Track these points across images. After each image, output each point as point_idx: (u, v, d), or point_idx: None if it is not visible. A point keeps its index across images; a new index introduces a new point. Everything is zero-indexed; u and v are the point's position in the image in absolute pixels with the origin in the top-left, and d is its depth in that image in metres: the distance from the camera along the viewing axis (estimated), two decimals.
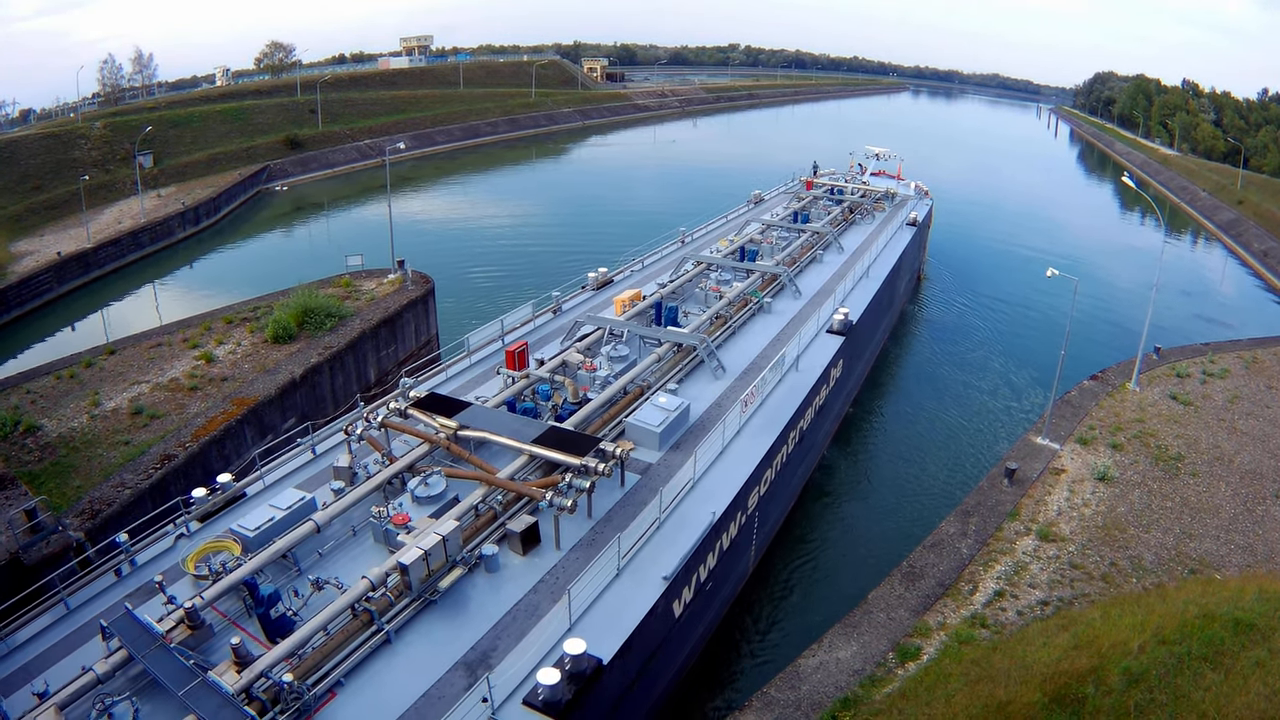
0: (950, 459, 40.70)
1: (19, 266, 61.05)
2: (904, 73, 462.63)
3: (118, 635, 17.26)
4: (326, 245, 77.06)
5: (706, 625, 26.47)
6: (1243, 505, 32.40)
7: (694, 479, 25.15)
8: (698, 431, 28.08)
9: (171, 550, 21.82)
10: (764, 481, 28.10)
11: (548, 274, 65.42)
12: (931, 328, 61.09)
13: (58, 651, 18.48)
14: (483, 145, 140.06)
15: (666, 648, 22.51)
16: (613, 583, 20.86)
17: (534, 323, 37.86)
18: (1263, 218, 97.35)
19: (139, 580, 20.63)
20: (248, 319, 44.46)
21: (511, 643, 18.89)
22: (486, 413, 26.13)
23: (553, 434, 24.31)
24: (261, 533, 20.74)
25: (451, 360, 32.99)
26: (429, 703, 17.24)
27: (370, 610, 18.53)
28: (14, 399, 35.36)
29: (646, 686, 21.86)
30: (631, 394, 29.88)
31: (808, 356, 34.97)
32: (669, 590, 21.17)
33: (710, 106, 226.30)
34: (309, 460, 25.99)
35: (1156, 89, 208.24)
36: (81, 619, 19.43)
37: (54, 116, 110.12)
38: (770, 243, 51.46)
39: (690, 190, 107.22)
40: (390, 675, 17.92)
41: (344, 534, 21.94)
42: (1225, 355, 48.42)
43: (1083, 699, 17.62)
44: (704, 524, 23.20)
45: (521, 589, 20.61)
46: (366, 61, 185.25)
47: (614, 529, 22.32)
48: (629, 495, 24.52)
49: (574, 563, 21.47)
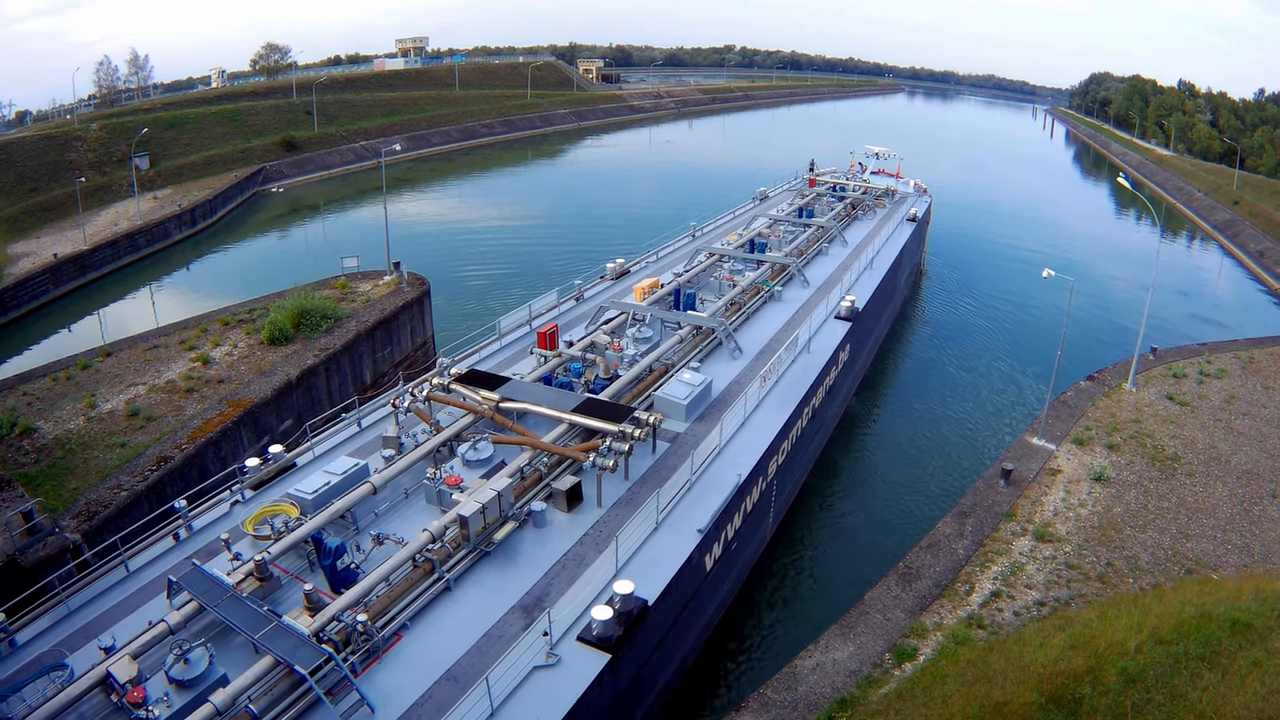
0: (946, 460, 40.75)
1: (15, 268, 60.91)
2: (900, 74, 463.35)
3: (187, 589, 18.57)
4: (322, 247, 76.95)
5: (731, 583, 28.43)
6: (1239, 505, 32.47)
7: (720, 445, 27.36)
8: (719, 406, 30.26)
9: (227, 516, 23.44)
10: (781, 452, 30.34)
11: (543, 275, 65.50)
12: (930, 327, 61.21)
13: (119, 611, 19.81)
14: (479, 147, 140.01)
15: (698, 599, 24.49)
16: (652, 535, 22.96)
17: (558, 309, 40.30)
18: (1259, 218, 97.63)
19: (195, 545, 22.21)
20: (244, 321, 44.40)
21: (563, 588, 20.78)
22: (526, 386, 28.31)
23: (590, 404, 26.59)
24: (319, 495, 22.32)
25: (485, 341, 35.43)
26: (489, 642, 19.01)
27: (432, 560, 20.40)
28: (10, 401, 35.26)
29: (682, 632, 23.91)
30: (657, 371, 32.42)
31: (818, 340, 37.15)
32: (702, 543, 23.18)
33: (706, 108, 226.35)
34: (355, 433, 28.09)
35: (1153, 89, 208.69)
36: (141, 581, 20.87)
37: (50, 118, 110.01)
38: (778, 236, 53.55)
39: (686, 193, 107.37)
40: (452, 619, 19.67)
41: (397, 496, 23.90)
42: (1222, 355, 48.52)
43: (1079, 699, 17.63)
44: (731, 485, 25.31)
45: (568, 541, 22.69)
46: (362, 63, 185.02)
47: (649, 489, 24.45)
48: (660, 461, 26.82)
49: (614, 518, 23.62)
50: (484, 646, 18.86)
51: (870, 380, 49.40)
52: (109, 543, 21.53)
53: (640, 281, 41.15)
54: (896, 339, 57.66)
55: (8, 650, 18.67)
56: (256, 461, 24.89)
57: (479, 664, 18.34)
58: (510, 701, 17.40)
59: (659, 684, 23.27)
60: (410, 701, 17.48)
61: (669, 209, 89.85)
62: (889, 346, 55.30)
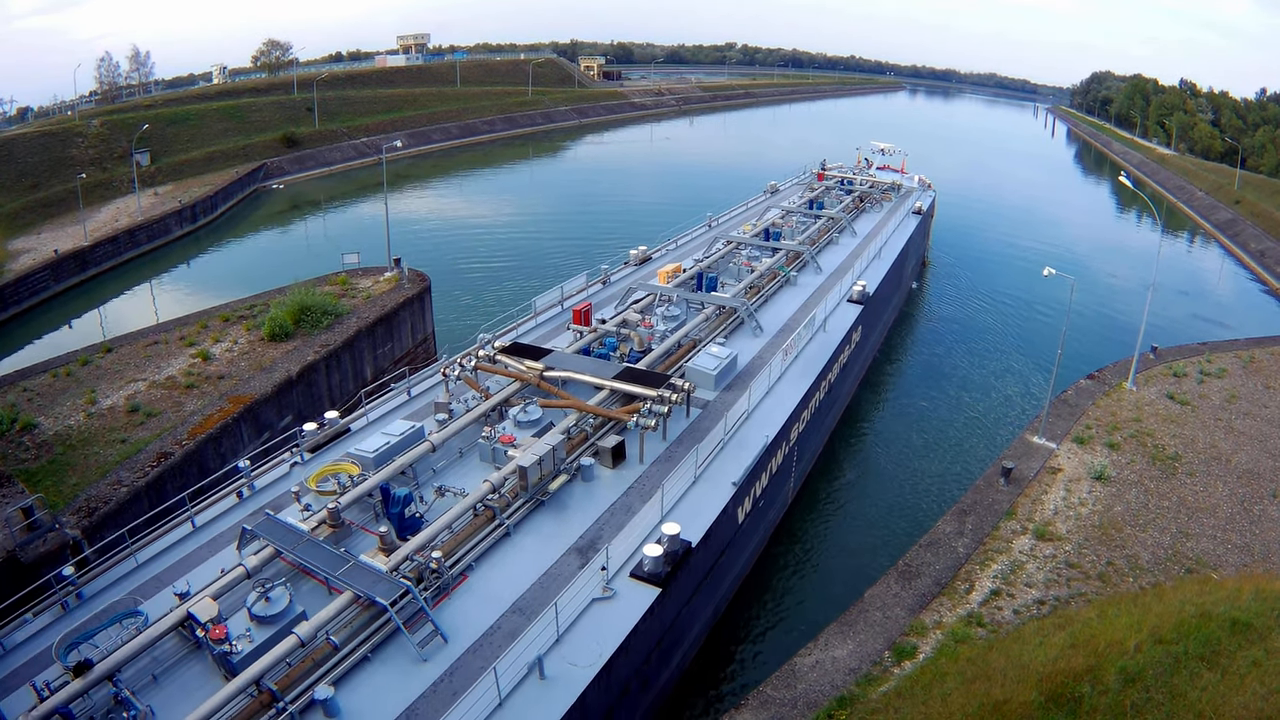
0: (947, 458, 40.77)
1: (16, 264, 60.91)
2: (901, 72, 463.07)
3: (262, 536, 20.55)
4: (323, 243, 76.98)
5: (759, 539, 30.98)
6: (1240, 505, 32.45)
7: (748, 410, 29.96)
8: (745, 377, 33.06)
9: (286, 476, 25.38)
10: (801, 420, 32.74)
11: (544, 271, 65.55)
12: (932, 322, 61.19)
13: (188, 563, 21.57)
14: (479, 143, 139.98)
15: (732, 548, 26.81)
16: (691, 488, 25.31)
17: (586, 291, 43.06)
18: (1260, 217, 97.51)
19: (258, 502, 24.06)
20: (244, 317, 44.38)
21: (612, 533, 22.94)
22: (568, 357, 31.07)
23: (628, 373, 29.30)
24: (380, 454, 24.30)
25: (521, 320, 38.22)
26: (548, 579, 21.23)
27: (493, 508, 22.71)
28: (11, 396, 35.25)
29: (718, 578, 26.19)
30: (685, 346, 35.11)
31: (833, 320, 39.92)
32: (736, 495, 25.40)
33: (707, 105, 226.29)
34: (405, 401, 30.61)
35: (1154, 89, 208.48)
36: (208, 535, 22.73)
37: (51, 114, 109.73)
38: (790, 226, 56.76)
39: (686, 192, 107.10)
40: (513, 560, 21.87)
41: (453, 455, 26.30)
42: (1222, 355, 48.46)
43: (1079, 698, 17.62)
44: (760, 445, 27.88)
45: (614, 493, 25.04)
46: (363, 60, 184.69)
47: (685, 448, 27.13)
48: (693, 425, 29.38)
49: (655, 473, 26.02)
50: (544, 583, 21.06)
51: (871, 379, 49.44)
52: (177, 499, 23.20)
53: (663, 266, 43.93)
54: (899, 334, 57.71)
55: (75, 603, 20.13)
56: (313, 426, 27.10)
57: (542, 598, 20.42)
58: (573, 630, 19.47)
59: (697, 625, 25.56)
60: (481, 631, 19.44)
61: (670, 206, 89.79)
62: (891, 344, 55.30)
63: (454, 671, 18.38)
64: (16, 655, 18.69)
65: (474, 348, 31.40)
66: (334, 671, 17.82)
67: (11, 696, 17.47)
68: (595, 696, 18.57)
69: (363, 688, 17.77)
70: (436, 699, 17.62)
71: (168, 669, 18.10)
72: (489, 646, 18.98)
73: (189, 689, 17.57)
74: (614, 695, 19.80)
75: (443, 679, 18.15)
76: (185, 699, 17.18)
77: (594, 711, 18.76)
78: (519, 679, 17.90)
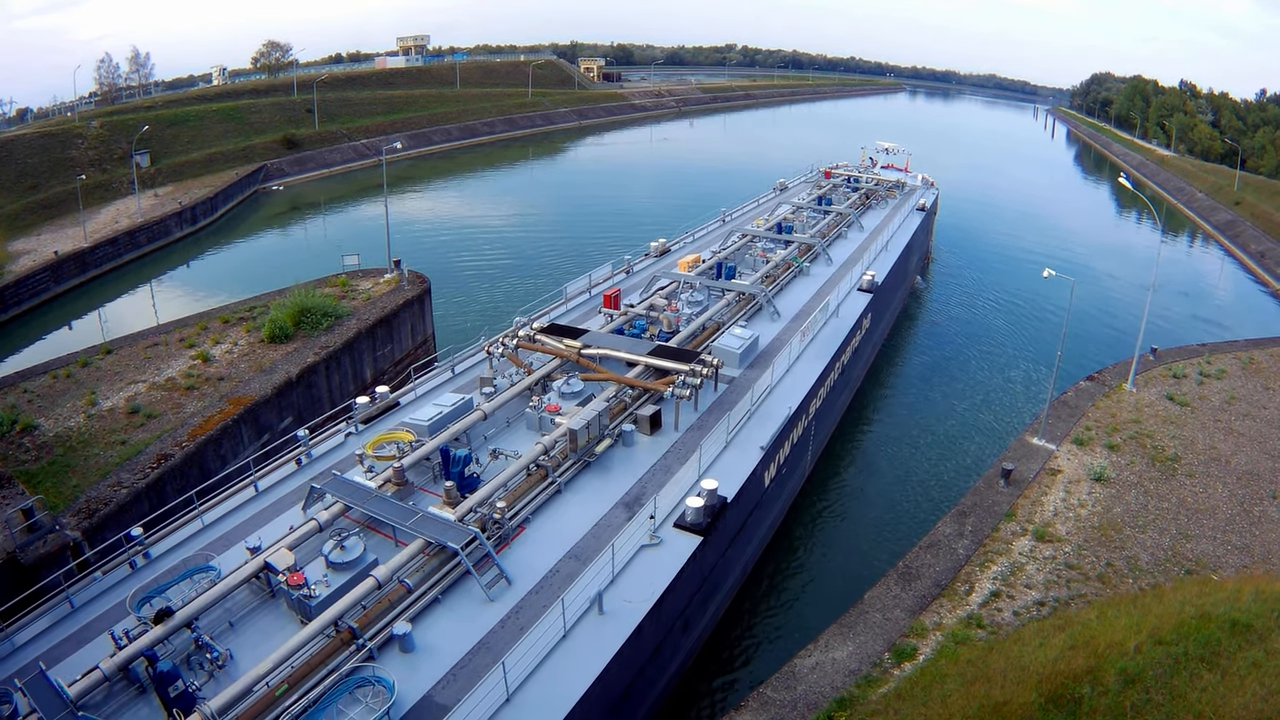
0: (947, 459, 40.79)
1: (16, 266, 60.90)
2: (901, 73, 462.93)
3: (331, 493, 22.46)
4: (323, 245, 76.93)
5: (781, 505, 33.43)
6: (1239, 506, 32.46)
7: (771, 385, 32.36)
8: (766, 356, 35.49)
9: (341, 445, 27.58)
10: (818, 396, 35.11)
11: (544, 272, 65.62)
12: (931, 327, 61.18)
13: (254, 523, 23.28)
14: (479, 145, 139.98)
15: (759, 509, 29.19)
16: (723, 451, 27.61)
17: (611, 280, 45.65)
18: (1260, 219, 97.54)
19: (316, 469, 25.93)
20: (244, 319, 44.40)
21: (654, 490, 24.94)
22: (603, 336, 33.70)
23: (661, 349, 31.81)
24: (434, 422, 26.26)
25: (552, 305, 40.95)
26: (599, 530, 23.37)
27: (545, 467, 24.87)
28: (11, 398, 35.27)
29: (747, 536, 28.58)
30: (709, 329, 37.87)
31: (845, 306, 42.57)
32: (763, 459, 27.70)
33: (707, 106, 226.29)
34: (449, 378, 33.03)
35: (1154, 90, 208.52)
36: (271, 498, 24.59)
37: (51, 115, 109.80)
38: (801, 220, 59.47)
39: (686, 195, 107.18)
40: (565, 514, 24.03)
41: (501, 424, 28.68)
42: (1222, 356, 48.46)
43: (1079, 700, 17.62)
44: (784, 414, 30.23)
45: (654, 456, 27.46)
46: (363, 61, 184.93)
47: (716, 417, 29.44)
48: (721, 398, 31.74)
49: (689, 439, 28.33)
50: (595, 533, 23.18)
51: (873, 380, 49.52)
52: (240, 464, 25.76)
53: (683, 257, 47.55)
54: (901, 334, 57.81)
55: (144, 561, 21.72)
56: (365, 400, 29.60)
57: (594, 546, 22.58)
58: (625, 572, 21.59)
59: (730, 577, 27.96)
60: (541, 575, 21.47)
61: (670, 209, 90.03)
62: (892, 344, 55.38)
63: (519, 609, 20.24)
64: (88, 610, 20.05)
65: (513, 328, 33.76)
66: (408, 611, 19.52)
67: (89, 645, 18.80)
68: (649, 630, 20.71)
69: (435, 625, 19.58)
70: (504, 633, 19.39)
71: (242, 617, 19.60)
72: (549, 588, 20.98)
73: (266, 633, 19.05)
74: (662, 632, 22.05)
75: (509, 616, 20.01)
76: (263, 642, 18.60)
77: (647, 644, 21.00)
78: (580, 613, 19.90)
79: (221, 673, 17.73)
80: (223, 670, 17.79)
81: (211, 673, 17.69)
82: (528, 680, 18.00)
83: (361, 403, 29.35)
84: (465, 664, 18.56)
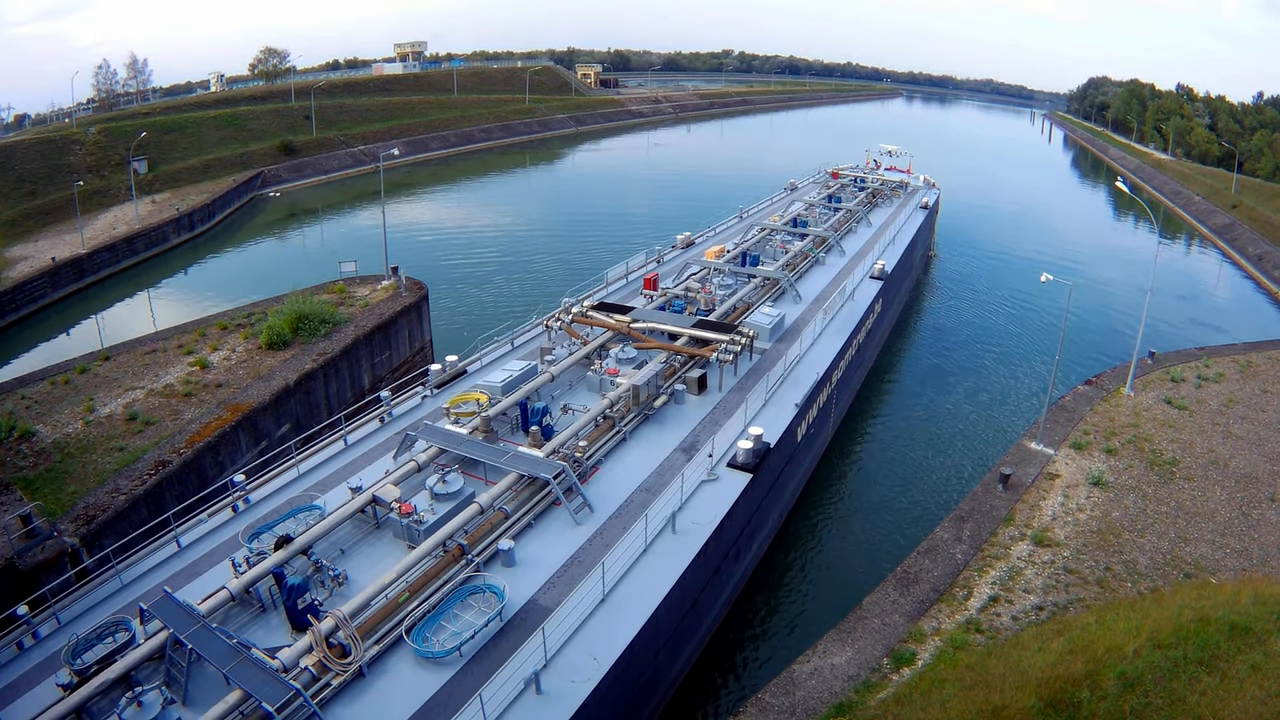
0: (945, 464, 40.76)
1: (14, 272, 60.88)
2: (898, 78, 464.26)
3: (425, 438, 25.95)
4: (320, 251, 76.87)
5: (809, 464, 37.28)
6: (1238, 509, 32.45)
7: (800, 354, 36.55)
8: (793, 332, 39.98)
9: (419, 407, 31.57)
10: (839, 367, 38.97)
11: (541, 279, 65.64)
12: (931, 330, 61.25)
13: (350, 469, 26.79)
14: (477, 151, 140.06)
15: (792, 463, 32.97)
16: (763, 409, 31.51)
17: (645, 268, 50.25)
18: (1257, 222, 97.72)
19: (397, 426, 29.69)
20: (242, 325, 44.37)
21: (707, 438, 28.92)
22: (650, 312, 38.34)
23: (703, 323, 36.45)
24: (506, 383, 30.14)
25: (594, 289, 45.49)
26: (662, 469, 27.37)
27: (612, 418, 29.02)
28: (9, 404, 35.20)
29: (782, 485, 32.35)
30: (740, 309, 42.35)
31: (859, 292, 46.91)
32: (797, 415, 31.55)
33: (704, 112, 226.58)
34: (509, 350, 37.04)
35: (1150, 94, 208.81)
36: (361, 450, 28.16)
37: (49, 122, 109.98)
38: (814, 216, 64.88)
39: (686, 201, 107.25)
40: (631, 458, 28.01)
41: (564, 385, 32.66)
42: (1220, 359, 48.51)
43: (1078, 704, 17.60)
44: (814, 377, 34.38)
45: (703, 412, 31.57)
46: (360, 68, 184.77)
47: (754, 380, 33.74)
48: (755, 366, 35.85)
49: (732, 399, 32.51)
50: (660, 472, 27.10)
51: (873, 378, 49.62)
52: (330, 421, 32.60)
53: (709, 248, 53.18)
54: (902, 334, 57.93)
55: (244, 506, 24.56)
56: (437, 367, 33.52)
57: (660, 481, 26.49)
58: (688, 504, 25.01)
59: (769, 520, 31.70)
60: (617, 505, 25.22)
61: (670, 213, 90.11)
62: (893, 344, 55.49)
63: (602, 530, 23.91)
64: (196, 549, 22.78)
65: (565, 306, 38.60)
66: (509, 532, 22.89)
67: (199, 579, 21.24)
68: (713, 550, 24.28)
69: (532, 544, 23.01)
70: (592, 550, 23.00)
71: (352, 546, 22.39)
72: (625, 514, 24.71)
73: (375, 558, 21.87)
74: (721, 555, 25.53)
75: (595, 535, 23.66)
76: (374, 565, 21.45)
77: (711, 562, 24.63)
78: (657, 531, 23.52)
79: (340, 590, 20.42)
80: (341, 588, 20.46)
81: (332, 590, 20.35)
82: (619, 583, 21.42)
83: (435, 369, 33.33)
84: (562, 574, 21.94)
